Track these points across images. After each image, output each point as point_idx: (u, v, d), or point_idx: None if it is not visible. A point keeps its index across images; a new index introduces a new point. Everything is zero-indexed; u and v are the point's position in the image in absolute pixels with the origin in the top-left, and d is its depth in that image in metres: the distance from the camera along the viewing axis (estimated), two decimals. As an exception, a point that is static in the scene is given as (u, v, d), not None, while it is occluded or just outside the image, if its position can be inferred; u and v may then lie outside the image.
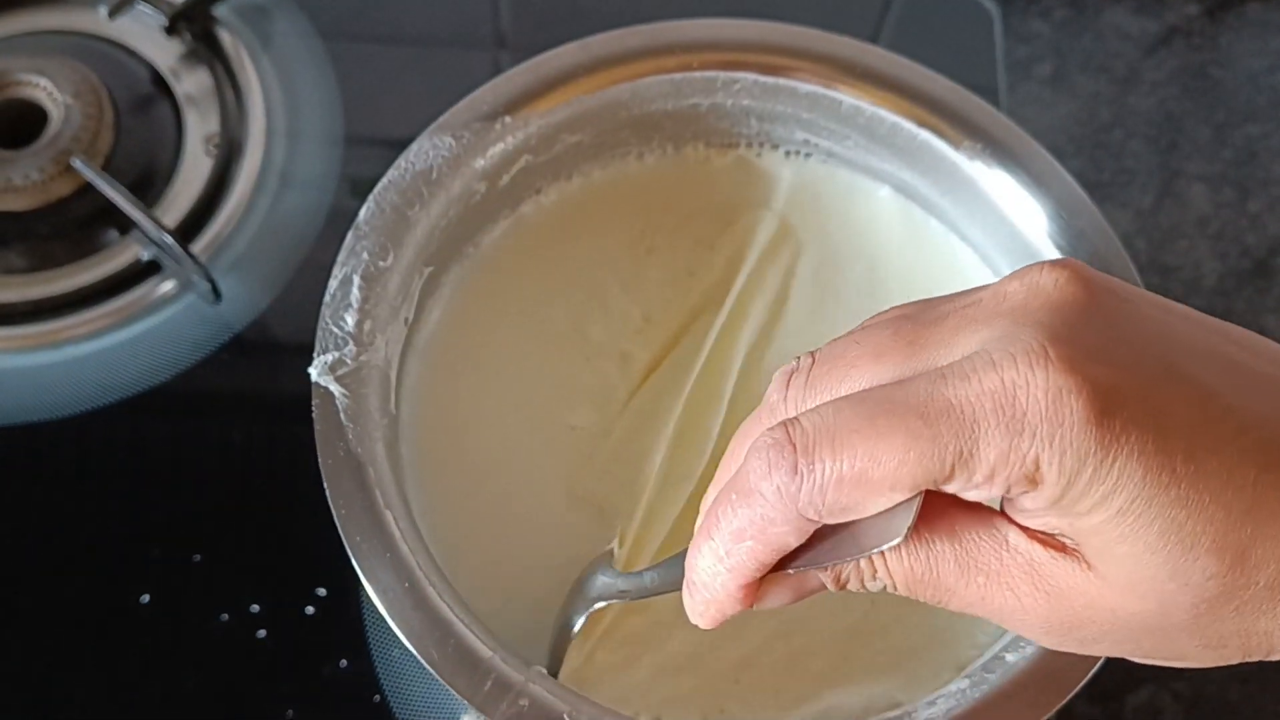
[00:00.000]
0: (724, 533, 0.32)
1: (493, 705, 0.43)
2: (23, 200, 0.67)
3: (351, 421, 0.47)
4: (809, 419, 0.31)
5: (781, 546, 0.32)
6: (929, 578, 0.32)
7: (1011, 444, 0.29)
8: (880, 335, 0.32)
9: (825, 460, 0.30)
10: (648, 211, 0.58)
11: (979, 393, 0.29)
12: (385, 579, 0.45)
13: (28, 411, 0.64)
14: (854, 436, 0.30)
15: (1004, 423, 0.29)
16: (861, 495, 0.30)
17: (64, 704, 0.58)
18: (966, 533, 0.32)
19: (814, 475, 0.30)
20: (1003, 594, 0.32)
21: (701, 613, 0.34)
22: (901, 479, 0.30)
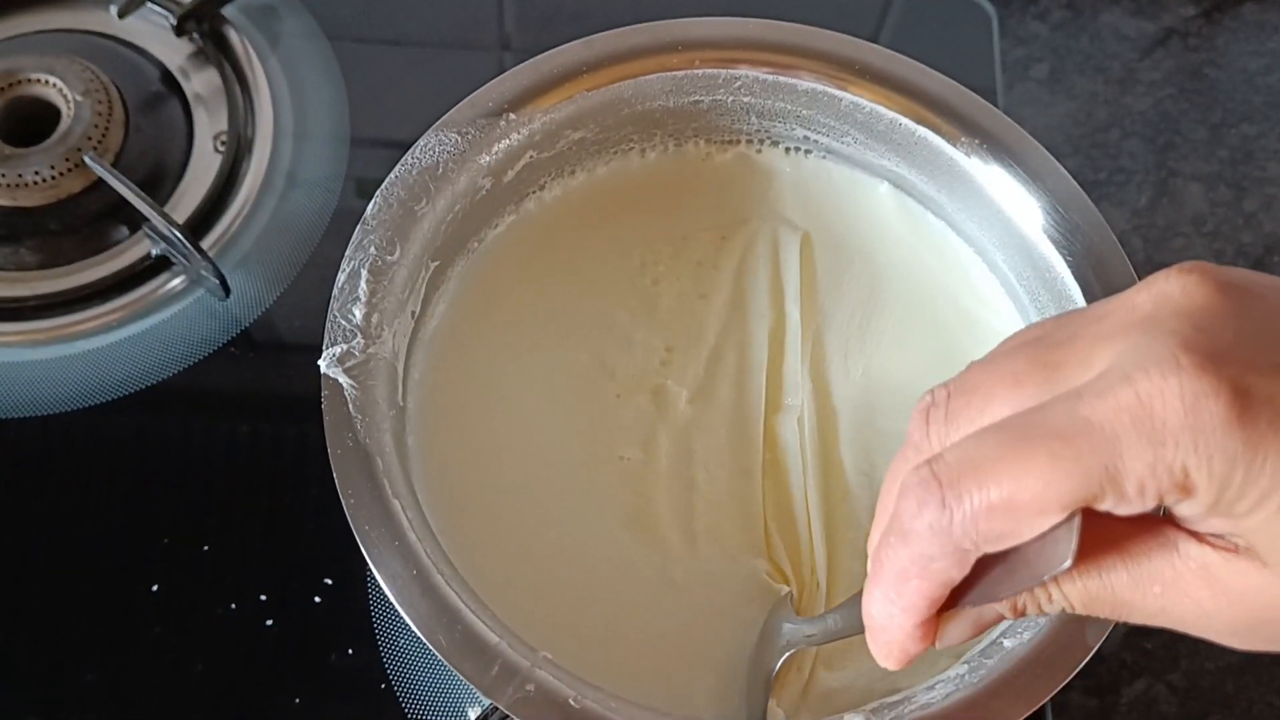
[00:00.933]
0: (889, 575, 0.33)
1: (499, 690, 0.43)
2: (34, 197, 0.68)
3: (360, 413, 0.48)
4: (952, 453, 0.31)
5: (946, 581, 0.32)
6: (1105, 595, 0.33)
7: (1156, 455, 0.29)
8: (1014, 362, 0.32)
9: (972, 492, 0.30)
10: (645, 238, 0.59)
11: (1116, 408, 0.29)
12: (393, 566, 0.45)
13: (40, 405, 0.65)
14: (997, 465, 0.30)
15: (1145, 435, 0.29)
16: (1013, 522, 0.30)
17: (76, 691, 0.58)
18: (1136, 545, 0.32)
19: (962, 507, 0.30)
20: (1182, 602, 0.32)
21: (886, 655, 0.35)
22: (1050, 502, 0.30)
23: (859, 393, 0.56)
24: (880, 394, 0.56)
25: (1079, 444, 0.29)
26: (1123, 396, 0.29)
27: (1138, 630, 0.65)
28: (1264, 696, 0.64)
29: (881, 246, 0.59)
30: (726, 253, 0.59)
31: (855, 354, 0.57)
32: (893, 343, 0.57)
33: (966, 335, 0.57)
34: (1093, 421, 0.29)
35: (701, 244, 0.59)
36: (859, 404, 0.56)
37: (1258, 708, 0.64)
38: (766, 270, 0.58)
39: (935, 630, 0.34)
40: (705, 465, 0.54)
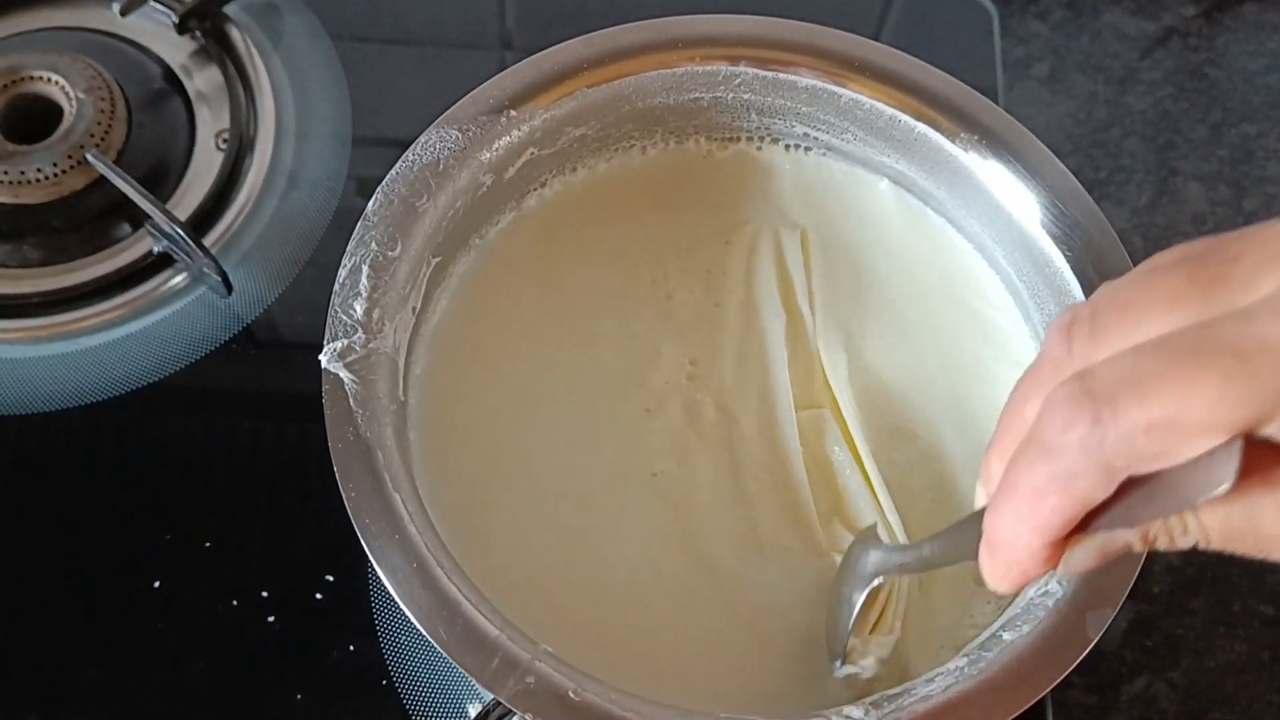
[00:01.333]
0: (1024, 491, 0.31)
1: (500, 683, 0.43)
2: (37, 194, 0.68)
3: (361, 407, 0.48)
4: (1107, 368, 0.30)
5: (1087, 500, 0.31)
6: (1248, 528, 0.31)
7: None
8: (1172, 279, 0.31)
9: (1131, 408, 0.29)
10: (647, 238, 0.59)
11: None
12: (394, 559, 0.45)
13: (42, 401, 0.65)
14: (1161, 381, 0.28)
15: None
16: (1174, 441, 0.29)
17: (77, 688, 0.59)
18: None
19: (1119, 424, 0.29)
20: None
21: (1003, 575, 0.34)
22: (1218, 422, 0.28)
23: (859, 389, 0.56)
24: (878, 391, 0.56)
25: (1255, 363, 0.28)
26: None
27: (1138, 628, 0.65)
28: (1264, 694, 0.64)
29: (882, 243, 0.59)
30: (732, 256, 0.59)
31: (855, 350, 0.57)
32: (892, 338, 0.57)
33: (966, 331, 0.57)
34: (1270, 341, 0.28)
35: (707, 251, 0.59)
36: (858, 400, 0.56)
37: (1258, 706, 0.64)
38: (773, 270, 0.58)
39: (1061, 554, 0.33)
40: (754, 475, 0.54)
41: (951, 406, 0.55)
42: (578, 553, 0.52)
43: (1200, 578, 0.66)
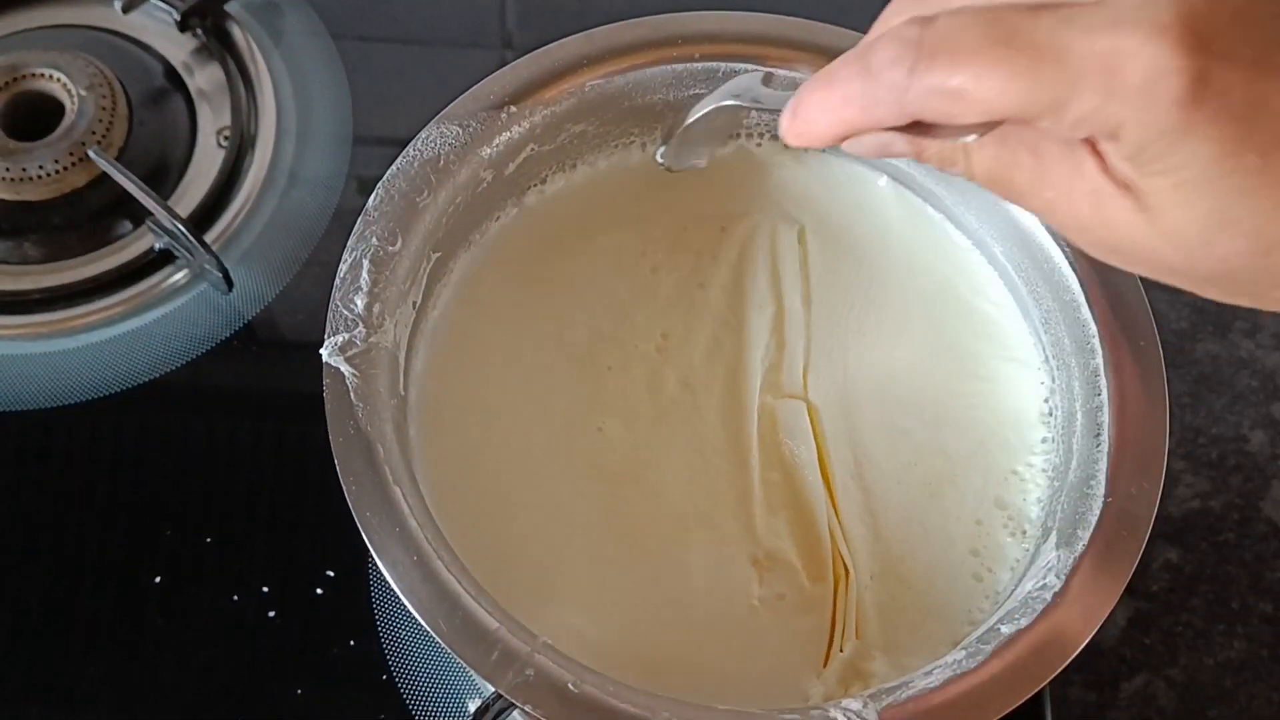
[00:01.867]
0: (836, 93, 0.36)
1: (499, 675, 0.43)
2: (38, 191, 0.69)
3: (361, 401, 0.48)
4: (941, 26, 0.33)
5: (877, 123, 0.35)
6: (1004, 178, 0.37)
7: (1103, 104, 0.31)
8: None
9: (939, 71, 0.33)
10: (646, 232, 0.59)
11: (1092, 50, 0.31)
12: (394, 552, 0.45)
13: (44, 397, 0.65)
14: (971, 58, 0.32)
15: (1103, 86, 0.31)
16: (961, 109, 0.33)
17: (79, 682, 0.59)
18: (1048, 151, 0.35)
19: (925, 81, 0.33)
20: (1066, 209, 0.36)
21: (795, 135, 0.38)
22: (994, 108, 0.32)
23: (855, 385, 0.56)
24: (876, 386, 0.56)
25: (1046, 69, 0.32)
26: (1101, 43, 0.31)
27: (1137, 626, 0.65)
28: (1263, 692, 0.64)
29: (880, 239, 0.59)
30: (726, 243, 0.59)
31: (853, 346, 0.57)
32: (891, 334, 0.57)
33: (965, 327, 0.57)
34: (1067, 53, 0.31)
35: (701, 234, 0.59)
36: (854, 396, 0.56)
37: (1256, 703, 0.64)
38: (766, 261, 0.58)
39: (845, 139, 0.37)
40: (705, 455, 0.54)
41: (949, 402, 0.55)
42: (577, 543, 0.52)
43: (1199, 575, 0.67)
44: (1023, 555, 0.52)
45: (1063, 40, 0.32)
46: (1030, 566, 0.50)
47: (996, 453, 0.54)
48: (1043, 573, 0.48)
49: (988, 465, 0.54)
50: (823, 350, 0.57)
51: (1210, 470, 0.69)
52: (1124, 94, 0.31)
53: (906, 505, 0.53)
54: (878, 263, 0.59)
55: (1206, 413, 0.71)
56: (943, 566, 0.52)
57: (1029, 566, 0.50)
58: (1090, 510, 0.48)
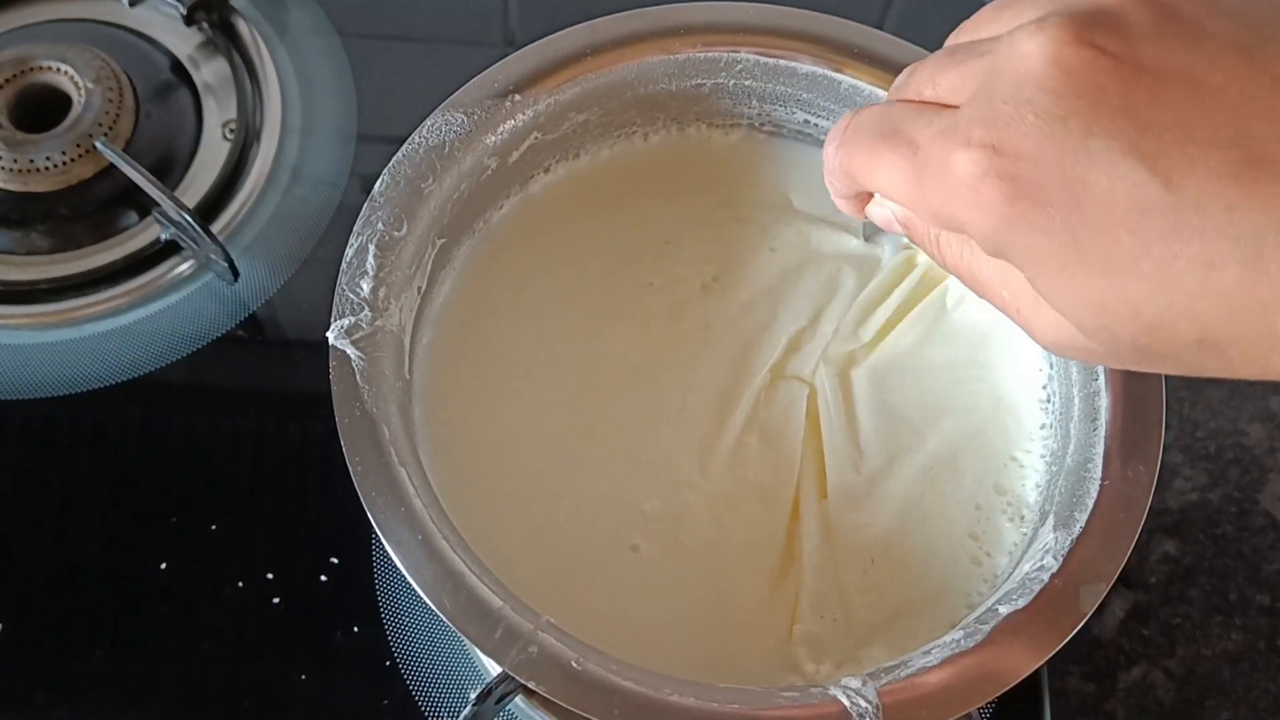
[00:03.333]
0: (828, 165, 0.43)
1: (503, 652, 0.44)
2: (45, 182, 0.69)
3: (367, 383, 0.48)
4: (862, 113, 0.41)
5: (842, 193, 0.44)
6: (967, 273, 0.40)
7: (943, 203, 0.36)
8: (938, 59, 0.40)
9: (854, 155, 0.41)
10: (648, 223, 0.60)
11: (935, 152, 0.36)
12: (399, 532, 0.46)
13: (51, 386, 0.66)
14: (858, 147, 0.40)
15: (943, 186, 0.36)
16: (852, 186, 0.42)
17: (84, 668, 0.59)
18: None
19: (834, 161, 0.42)
20: (1015, 307, 0.39)
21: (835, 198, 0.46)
22: (882, 190, 0.40)
23: (858, 370, 0.56)
24: (879, 372, 0.56)
25: (907, 164, 0.38)
26: (940, 145, 0.36)
27: (1136, 617, 0.65)
28: (1260, 683, 0.64)
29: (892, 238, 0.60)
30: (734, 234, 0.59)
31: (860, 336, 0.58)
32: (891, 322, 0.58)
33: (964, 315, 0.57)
34: (923, 153, 0.37)
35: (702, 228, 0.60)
36: (857, 381, 0.56)
37: (1254, 694, 0.64)
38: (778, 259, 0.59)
39: (864, 207, 0.45)
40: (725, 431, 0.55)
41: (950, 389, 0.56)
42: (578, 523, 0.53)
43: (1197, 567, 0.67)
44: (1021, 539, 0.52)
45: (922, 140, 0.37)
46: (1028, 549, 0.50)
47: (996, 438, 0.55)
48: (1040, 554, 0.48)
49: (987, 451, 0.54)
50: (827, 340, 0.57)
51: (1208, 463, 0.70)
52: (959, 195, 0.35)
53: (906, 490, 0.54)
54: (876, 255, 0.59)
55: (1205, 406, 0.71)
56: (941, 550, 0.52)
57: (1026, 549, 0.50)
58: (1087, 493, 0.49)
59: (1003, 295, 0.39)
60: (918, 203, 0.38)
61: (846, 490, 0.54)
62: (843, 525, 0.53)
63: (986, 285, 0.40)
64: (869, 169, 0.40)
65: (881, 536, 0.53)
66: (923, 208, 0.38)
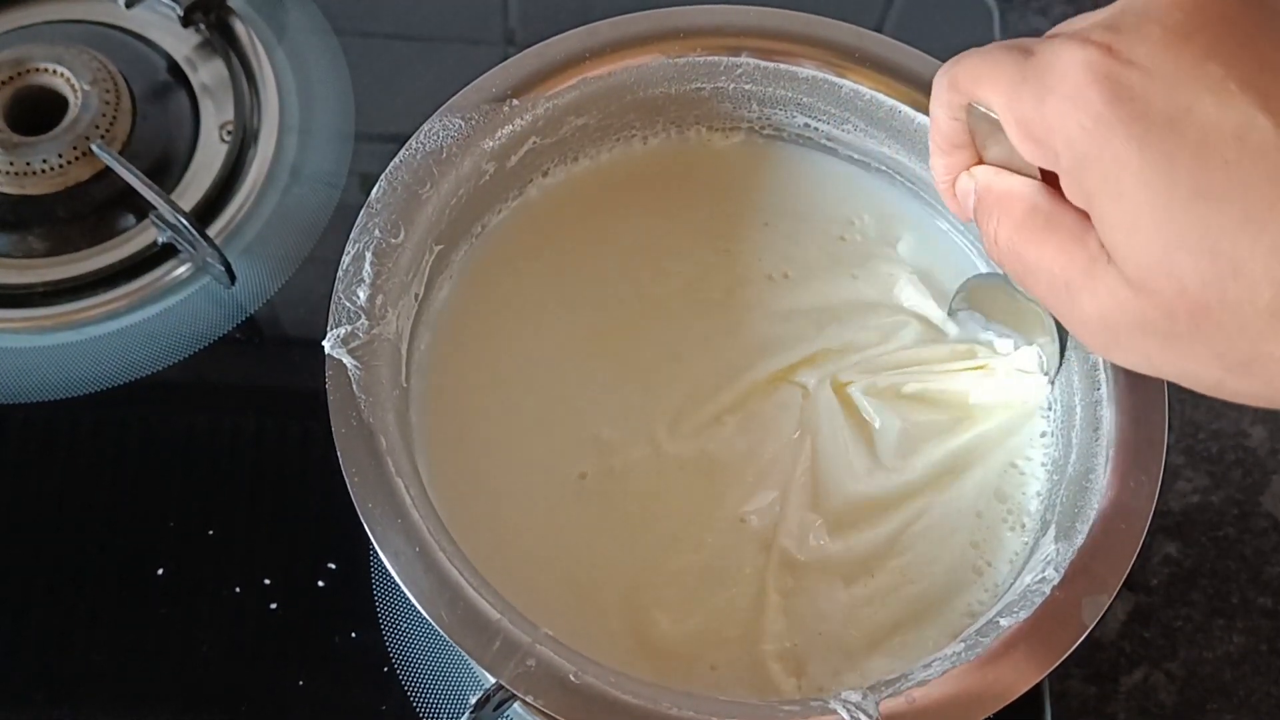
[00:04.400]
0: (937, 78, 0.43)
1: (501, 665, 0.44)
2: (42, 185, 0.69)
3: (364, 393, 0.48)
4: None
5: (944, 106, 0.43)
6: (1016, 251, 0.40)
7: (1038, 101, 0.36)
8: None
9: (956, 65, 0.41)
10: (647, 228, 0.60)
11: (1044, 55, 0.36)
12: (396, 543, 0.46)
13: (47, 391, 0.66)
14: (975, 62, 0.40)
15: (1041, 83, 0.36)
16: (947, 93, 0.42)
17: (82, 672, 0.59)
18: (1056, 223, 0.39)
19: (944, 74, 0.42)
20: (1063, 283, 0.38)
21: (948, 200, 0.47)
22: (966, 90, 0.41)
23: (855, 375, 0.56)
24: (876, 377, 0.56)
25: (1015, 67, 0.37)
26: (1048, 50, 0.36)
27: (1137, 619, 0.65)
28: (1262, 686, 0.64)
29: (882, 235, 0.59)
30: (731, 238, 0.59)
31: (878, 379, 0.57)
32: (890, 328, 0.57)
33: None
34: (1030, 54, 0.37)
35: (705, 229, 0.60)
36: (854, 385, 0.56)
37: (1256, 697, 0.64)
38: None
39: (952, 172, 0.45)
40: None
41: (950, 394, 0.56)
42: (580, 534, 0.53)
43: (1199, 570, 0.67)
44: (1022, 548, 0.52)
45: (1039, 45, 0.37)
46: (1029, 559, 0.50)
47: (996, 446, 0.54)
48: (1041, 565, 0.48)
49: (988, 458, 0.54)
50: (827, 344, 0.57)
51: (1210, 465, 0.69)
52: (1058, 90, 0.35)
53: (906, 498, 0.53)
54: (876, 257, 0.59)
55: (1207, 408, 0.71)
56: (942, 559, 0.52)
57: (1028, 559, 0.50)
58: (1089, 504, 0.48)
59: (1052, 272, 0.38)
60: (1013, 106, 0.37)
61: (843, 496, 0.53)
62: (838, 539, 0.53)
63: (1035, 265, 0.39)
64: (975, 72, 0.39)
65: (880, 545, 0.52)
66: (1015, 114, 0.37)
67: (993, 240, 0.41)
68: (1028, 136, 0.37)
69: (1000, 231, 0.41)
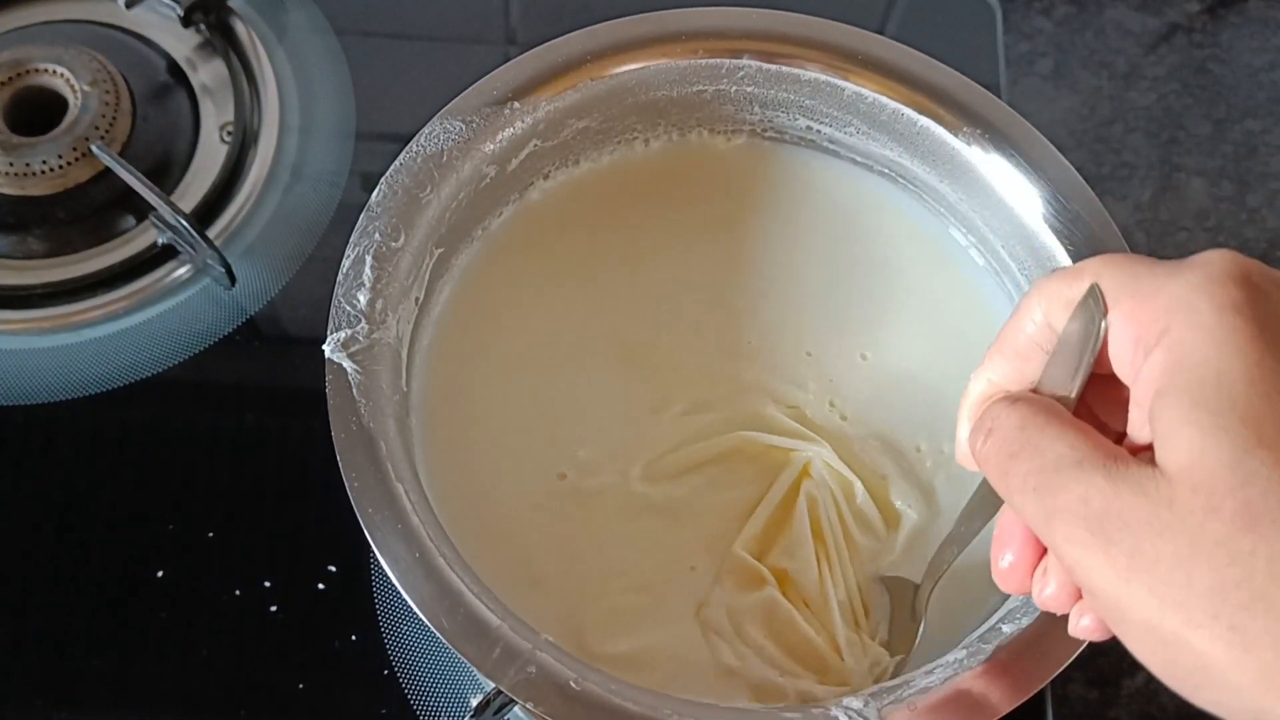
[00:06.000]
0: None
1: (501, 672, 0.43)
2: (41, 186, 0.69)
3: (364, 397, 0.48)
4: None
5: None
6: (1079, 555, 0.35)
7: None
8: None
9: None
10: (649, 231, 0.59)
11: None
12: (397, 549, 0.45)
13: (47, 392, 0.65)
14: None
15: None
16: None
17: (82, 675, 0.59)
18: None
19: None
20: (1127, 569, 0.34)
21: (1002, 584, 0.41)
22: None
23: (859, 383, 0.56)
24: (880, 385, 0.56)
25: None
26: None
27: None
28: (1264, 689, 0.64)
29: (882, 237, 0.59)
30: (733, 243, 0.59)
31: (855, 345, 0.57)
32: (894, 334, 0.57)
33: (969, 326, 0.57)
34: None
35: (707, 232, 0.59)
36: (859, 394, 0.56)
37: (1258, 700, 0.64)
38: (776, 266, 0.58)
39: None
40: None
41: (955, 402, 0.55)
42: (579, 540, 0.52)
43: (1201, 573, 0.66)
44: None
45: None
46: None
47: None
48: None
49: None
50: (828, 349, 0.57)
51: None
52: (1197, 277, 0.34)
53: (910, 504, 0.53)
54: (877, 260, 0.59)
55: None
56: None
57: (1031, 565, 0.50)
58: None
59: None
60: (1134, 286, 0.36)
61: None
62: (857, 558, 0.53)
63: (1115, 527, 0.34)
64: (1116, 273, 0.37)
65: (886, 555, 0.52)
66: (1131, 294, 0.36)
67: (993, 427, 0.38)
68: (1140, 324, 0.35)
69: (1015, 416, 0.37)
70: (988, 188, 0.55)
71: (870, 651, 0.50)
